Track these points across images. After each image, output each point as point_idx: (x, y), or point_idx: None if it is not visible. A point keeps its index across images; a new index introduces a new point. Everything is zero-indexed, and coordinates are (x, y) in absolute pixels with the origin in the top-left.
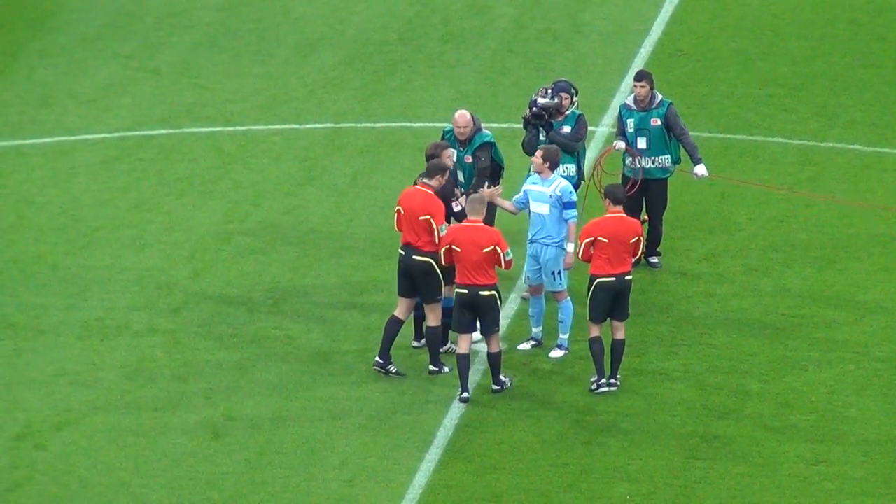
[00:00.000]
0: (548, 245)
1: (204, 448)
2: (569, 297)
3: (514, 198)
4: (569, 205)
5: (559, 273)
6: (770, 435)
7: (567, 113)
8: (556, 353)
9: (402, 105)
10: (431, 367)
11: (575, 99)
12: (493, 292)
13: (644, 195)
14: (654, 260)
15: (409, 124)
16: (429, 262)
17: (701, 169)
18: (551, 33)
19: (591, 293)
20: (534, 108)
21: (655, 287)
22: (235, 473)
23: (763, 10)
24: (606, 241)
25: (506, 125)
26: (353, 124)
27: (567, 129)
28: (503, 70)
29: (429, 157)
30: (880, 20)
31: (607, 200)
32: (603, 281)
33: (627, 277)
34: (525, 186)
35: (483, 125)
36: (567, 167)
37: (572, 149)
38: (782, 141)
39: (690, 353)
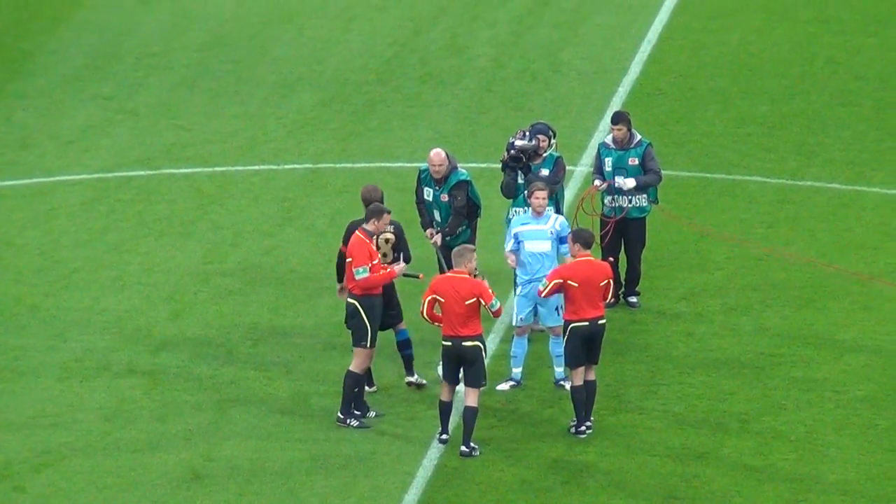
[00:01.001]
0: None
1: (183, 489)
2: None
3: (508, 248)
4: (564, 239)
5: (561, 307)
6: (749, 474)
7: (545, 155)
8: (567, 384)
9: (381, 145)
10: (339, 415)
11: (553, 141)
12: (478, 343)
13: (623, 235)
14: (633, 300)
15: (387, 164)
16: (353, 304)
17: (630, 181)
18: (530, 73)
19: (566, 339)
20: (511, 151)
21: (634, 326)
22: None
23: (741, 49)
24: (576, 285)
25: (485, 165)
26: (331, 165)
27: (545, 171)
28: (482, 110)
29: (364, 201)
30: (858, 59)
31: (576, 245)
32: (577, 326)
33: (601, 322)
34: (514, 230)
35: (462, 165)
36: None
37: (551, 191)
38: (761, 180)
39: (669, 393)
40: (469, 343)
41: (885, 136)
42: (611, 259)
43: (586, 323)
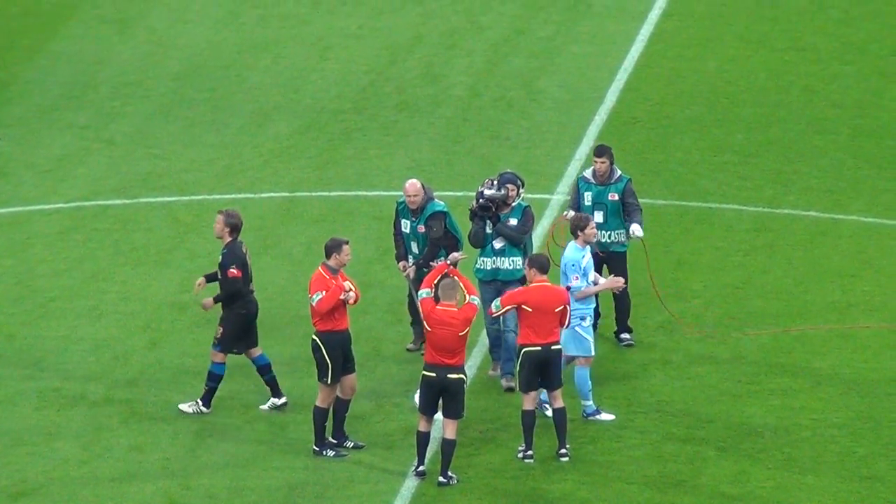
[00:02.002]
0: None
1: None
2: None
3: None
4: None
5: (585, 337)
6: (727, 502)
7: (513, 205)
8: (597, 416)
9: (357, 174)
10: (314, 448)
11: (521, 191)
12: (462, 375)
13: (607, 268)
14: (626, 336)
15: (364, 193)
16: (314, 339)
17: (637, 228)
18: (506, 101)
19: (518, 363)
20: (480, 200)
21: (611, 355)
22: None
23: (717, 78)
24: (531, 310)
25: (461, 193)
26: (308, 193)
27: (513, 221)
28: (458, 138)
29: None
30: (834, 87)
31: (532, 270)
32: (529, 350)
33: (554, 347)
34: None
35: (438, 194)
36: (513, 260)
37: (519, 241)
38: (737, 208)
39: (647, 421)
40: (454, 375)
41: (861, 163)
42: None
43: (539, 348)
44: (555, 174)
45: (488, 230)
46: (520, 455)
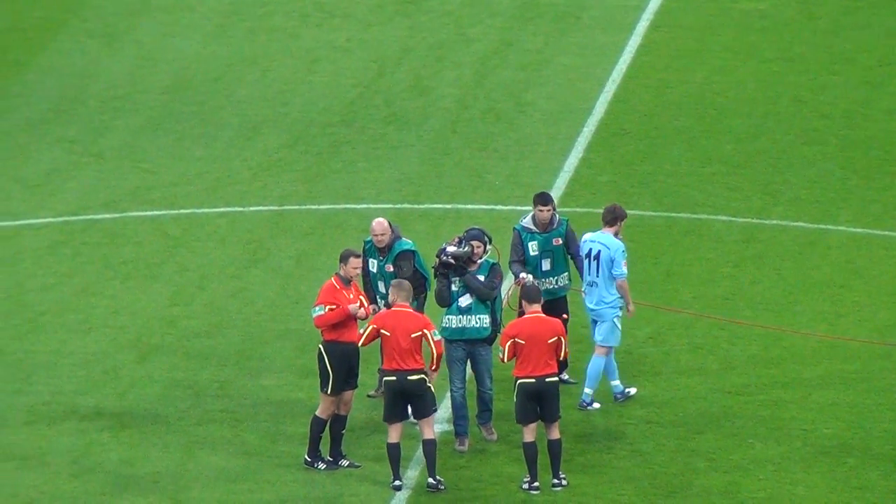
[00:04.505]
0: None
1: None
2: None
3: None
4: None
5: (615, 325)
6: None
7: (480, 262)
8: (592, 407)
9: (346, 187)
10: (306, 458)
11: (489, 247)
12: (422, 376)
13: (550, 314)
14: (566, 377)
15: (352, 206)
16: (319, 348)
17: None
18: (495, 113)
19: (515, 395)
20: (442, 257)
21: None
22: None
23: (706, 88)
24: (524, 342)
25: (450, 206)
26: (297, 206)
27: (481, 277)
28: (447, 150)
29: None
30: (823, 97)
31: (523, 301)
32: (524, 383)
33: (549, 380)
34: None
35: (426, 206)
36: (480, 318)
37: (487, 297)
38: (726, 219)
39: (637, 432)
40: (414, 377)
41: (850, 174)
42: (564, 316)
43: (533, 380)
44: (543, 185)
45: (454, 287)
46: (525, 486)
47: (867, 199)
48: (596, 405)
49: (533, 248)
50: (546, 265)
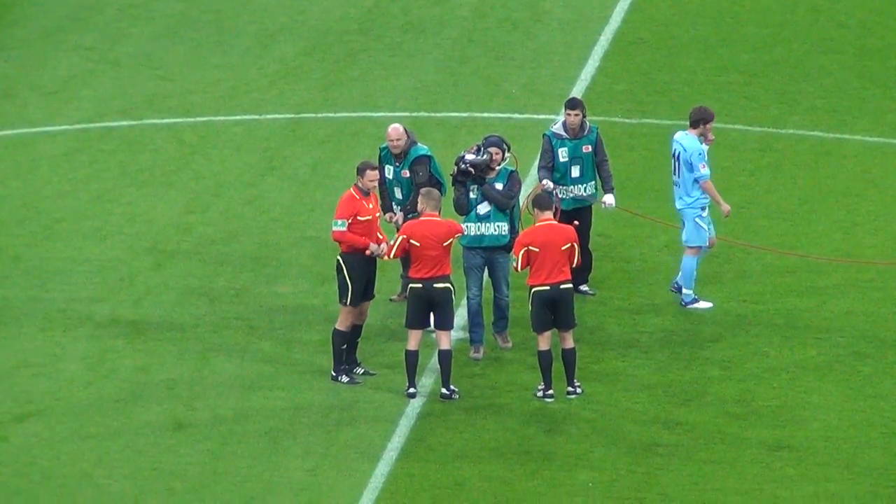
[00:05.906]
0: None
1: (166, 439)
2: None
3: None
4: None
5: (700, 226)
6: (732, 421)
7: (498, 169)
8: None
9: (363, 95)
10: (332, 374)
11: (507, 155)
12: (448, 285)
13: (572, 223)
14: (585, 288)
15: (369, 114)
16: (338, 259)
17: (610, 198)
18: (511, 22)
19: (530, 304)
20: (461, 165)
21: (615, 275)
22: (198, 464)
23: None
24: (537, 250)
25: (466, 114)
26: (313, 115)
27: (499, 185)
28: (463, 59)
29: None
30: (840, 6)
31: (535, 210)
32: (539, 290)
33: (564, 286)
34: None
35: (443, 114)
36: (499, 226)
37: (505, 206)
38: (742, 128)
39: (651, 341)
40: (440, 285)
41: (866, 83)
42: (576, 222)
43: (548, 287)
44: (560, 94)
45: (472, 195)
46: (539, 394)
47: (883, 109)
48: (703, 304)
49: (563, 154)
50: (575, 172)
